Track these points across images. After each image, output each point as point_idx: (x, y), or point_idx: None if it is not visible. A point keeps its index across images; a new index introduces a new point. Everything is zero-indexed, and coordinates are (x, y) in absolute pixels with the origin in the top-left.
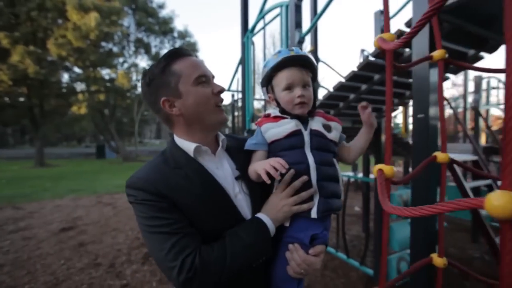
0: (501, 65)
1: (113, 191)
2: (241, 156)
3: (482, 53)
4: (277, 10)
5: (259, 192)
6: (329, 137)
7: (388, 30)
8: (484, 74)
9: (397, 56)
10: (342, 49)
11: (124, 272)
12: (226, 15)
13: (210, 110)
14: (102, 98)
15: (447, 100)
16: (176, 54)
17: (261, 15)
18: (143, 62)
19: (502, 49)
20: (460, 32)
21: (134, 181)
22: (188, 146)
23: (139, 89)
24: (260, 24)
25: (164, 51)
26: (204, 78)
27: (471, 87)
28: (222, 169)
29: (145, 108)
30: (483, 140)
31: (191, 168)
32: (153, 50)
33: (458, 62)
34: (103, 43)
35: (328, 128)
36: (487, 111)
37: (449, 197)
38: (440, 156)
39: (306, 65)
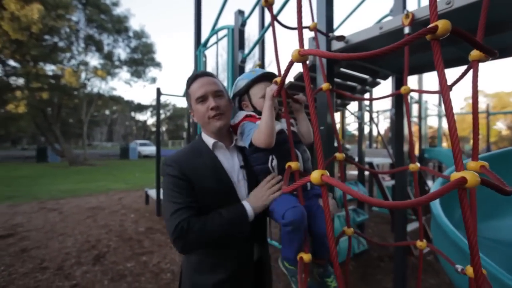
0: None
1: (58, 197)
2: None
3: (378, 80)
4: (225, 31)
5: (255, 180)
6: (296, 131)
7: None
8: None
9: (303, 89)
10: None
11: (73, 273)
12: (185, 18)
13: (206, 122)
14: (45, 97)
15: (352, 113)
16: (194, 77)
17: (212, 32)
18: (94, 60)
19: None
20: (359, 65)
21: (172, 159)
22: (209, 141)
23: (89, 88)
24: (213, 39)
25: (118, 50)
26: (201, 99)
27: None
28: (232, 161)
29: (95, 109)
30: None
31: (208, 157)
32: (106, 49)
33: (339, 91)
34: (47, 37)
35: (293, 124)
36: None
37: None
38: (338, 155)
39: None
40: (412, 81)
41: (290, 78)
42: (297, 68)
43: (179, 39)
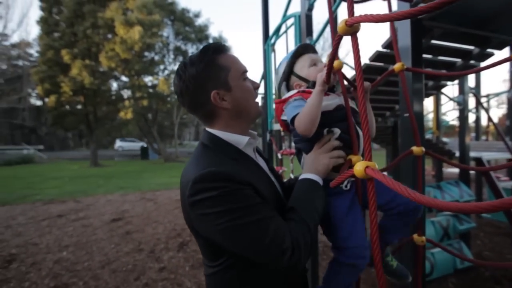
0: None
1: (155, 189)
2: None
3: (490, 50)
4: (292, 19)
5: (282, 180)
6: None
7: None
8: None
9: (385, 70)
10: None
11: (162, 257)
12: (254, 14)
13: (253, 104)
14: (145, 104)
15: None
16: (220, 49)
17: (280, 23)
18: None
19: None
20: (460, 33)
21: (216, 173)
22: (238, 139)
23: None
24: (280, 32)
25: None
26: (246, 74)
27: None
28: (262, 161)
29: (184, 112)
30: None
31: (245, 160)
32: None
33: (416, 69)
34: (146, 53)
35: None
36: None
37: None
38: (415, 149)
39: (315, 51)
40: None
41: (365, 59)
42: (374, 46)
43: (250, 36)
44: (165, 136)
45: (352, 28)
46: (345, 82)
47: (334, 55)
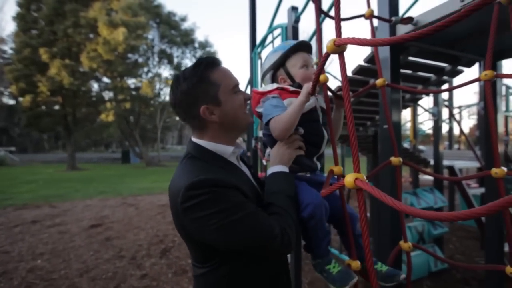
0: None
1: (136, 194)
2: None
3: (460, 68)
4: (279, 30)
5: (263, 187)
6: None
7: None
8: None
9: (366, 83)
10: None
11: (144, 264)
12: (241, 19)
13: (242, 116)
14: (128, 106)
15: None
16: (212, 64)
17: (267, 33)
18: (166, 72)
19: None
20: (433, 51)
21: (204, 180)
22: (224, 149)
23: (162, 97)
24: (267, 42)
25: (185, 61)
26: (237, 88)
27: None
28: (244, 167)
29: (167, 115)
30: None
31: (230, 167)
32: (175, 60)
33: (396, 86)
34: (130, 55)
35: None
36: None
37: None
38: (393, 160)
39: (311, 52)
40: (508, 65)
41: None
42: (356, 60)
43: (237, 41)
44: (147, 140)
45: (339, 48)
46: (329, 93)
47: (320, 70)
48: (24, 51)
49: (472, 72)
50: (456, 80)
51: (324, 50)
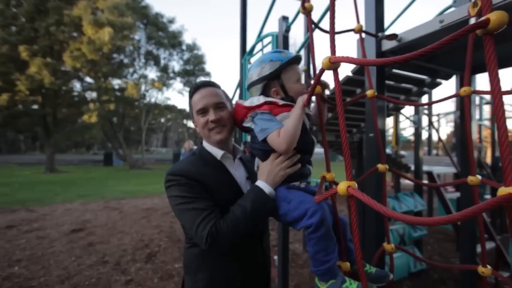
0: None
1: (120, 197)
2: (249, 164)
3: (439, 80)
4: (270, 38)
5: None
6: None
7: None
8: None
9: (351, 93)
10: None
11: (128, 269)
12: (232, 26)
13: (206, 134)
14: (112, 108)
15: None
16: (195, 88)
17: (257, 41)
18: (152, 74)
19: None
20: (415, 65)
21: (177, 169)
22: (217, 151)
23: (148, 99)
24: (257, 49)
25: (172, 63)
26: (202, 111)
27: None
28: (239, 171)
29: (152, 117)
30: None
31: (217, 167)
32: (162, 62)
33: (385, 97)
34: (115, 55)
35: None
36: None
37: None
38: (380, 167)
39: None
40: (481, 80)
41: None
42: (344, 71)
43: (227, 47)
44: (131, 142)
45: (334, 65)
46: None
47: (316, 85)
48: (2, 48)
49: (449, 83)
50: (435, 91)
51: (317, 61)
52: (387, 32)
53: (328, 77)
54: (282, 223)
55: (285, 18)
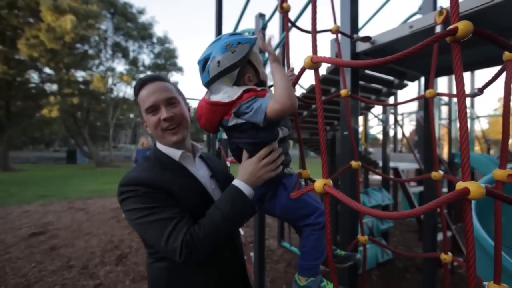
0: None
1: (85, 197)
2: (211, 162)
3: (406, 82)
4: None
5: (224, 183)
6: None
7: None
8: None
9: (327, 91)
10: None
11: (97, 273)
12: (207, 22)
13: (160, 135)
14: (75, 101)
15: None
16: (141, 84)
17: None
18: (120, 66)
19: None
20: (386, 67)
21: (132, 178)
22: (174, 152)
23: (115, 93)
24: None
25: (142, 56)
26: (152, 109)
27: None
28: (202, 171)
29: (121, 112)
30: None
31: (177, 169)
32: (131, 55)
33: (358, 97)
34: (78, 45)
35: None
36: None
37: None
38: (354, 164)
39: None
40: (442, 82)
41: (311, 81)
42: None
43: (201, 43)
44: (97, 138)
45: (315, 64)
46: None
47: (297, 81)
48: None
49: (413, 85)
50: (401, 92)
51: (291, 59)
52: (362, 33)
53: (308, 76)
54: (280, 218)
55: (261, 15)
